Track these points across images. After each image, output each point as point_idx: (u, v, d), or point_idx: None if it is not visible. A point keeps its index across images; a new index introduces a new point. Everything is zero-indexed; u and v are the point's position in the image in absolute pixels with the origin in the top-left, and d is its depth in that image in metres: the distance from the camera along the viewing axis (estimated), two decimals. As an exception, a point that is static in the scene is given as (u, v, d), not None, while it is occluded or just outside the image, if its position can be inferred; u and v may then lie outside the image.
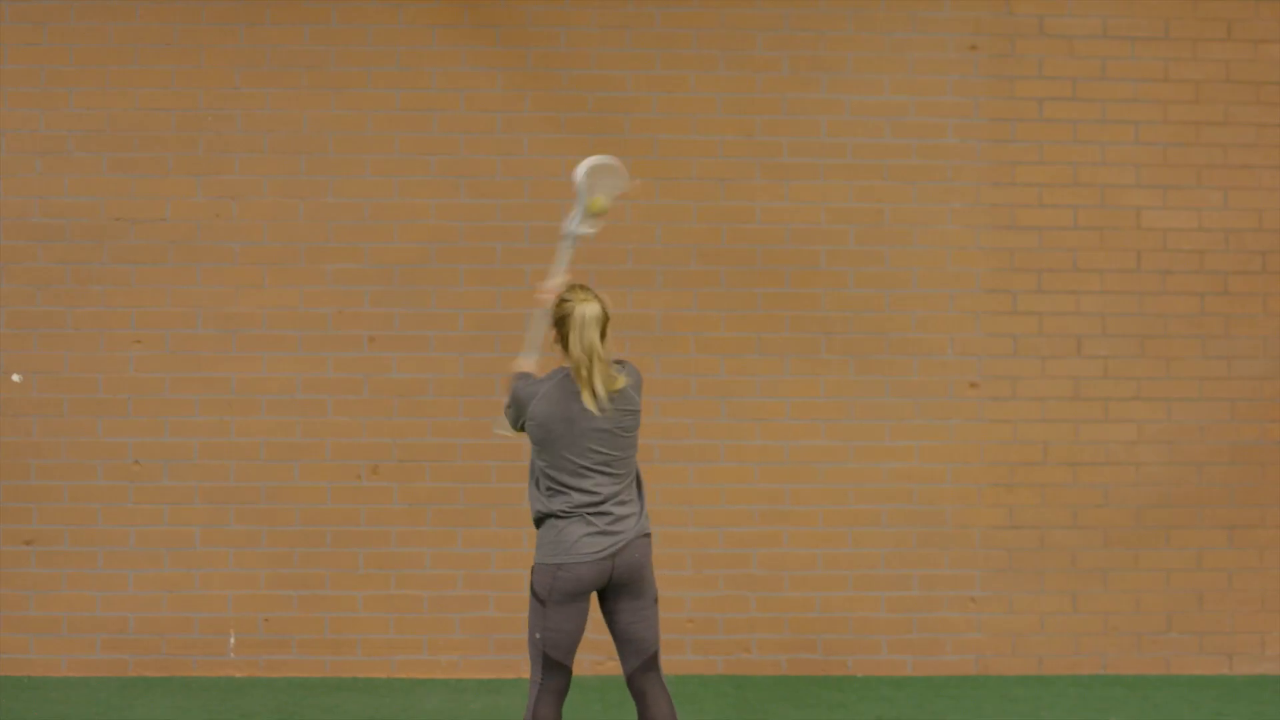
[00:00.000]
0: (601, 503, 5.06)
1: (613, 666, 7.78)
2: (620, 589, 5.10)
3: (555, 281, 5.42)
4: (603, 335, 5.16)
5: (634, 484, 5.21)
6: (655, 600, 5.19)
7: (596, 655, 7.76)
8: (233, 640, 7.87)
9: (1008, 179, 8.06)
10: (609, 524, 5.05)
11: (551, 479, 5.10)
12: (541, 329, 5.39)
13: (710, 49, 8.02)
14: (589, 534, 5.04)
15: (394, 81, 7.95)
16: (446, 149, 7.96)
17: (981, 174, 8.05)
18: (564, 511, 5.10)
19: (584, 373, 5.08)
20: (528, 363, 5.36)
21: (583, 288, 5.25)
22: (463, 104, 7.97)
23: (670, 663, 7.67)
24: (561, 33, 7.99)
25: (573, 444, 5.07)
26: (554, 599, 5.04)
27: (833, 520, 7.97)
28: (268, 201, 7.94)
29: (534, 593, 5.09)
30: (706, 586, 7.95)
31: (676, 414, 7.88)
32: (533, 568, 5.17)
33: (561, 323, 5.16)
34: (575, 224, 5.59)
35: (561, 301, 5.21)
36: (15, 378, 7.88)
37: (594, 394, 5.07)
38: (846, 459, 7.99)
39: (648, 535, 5.19)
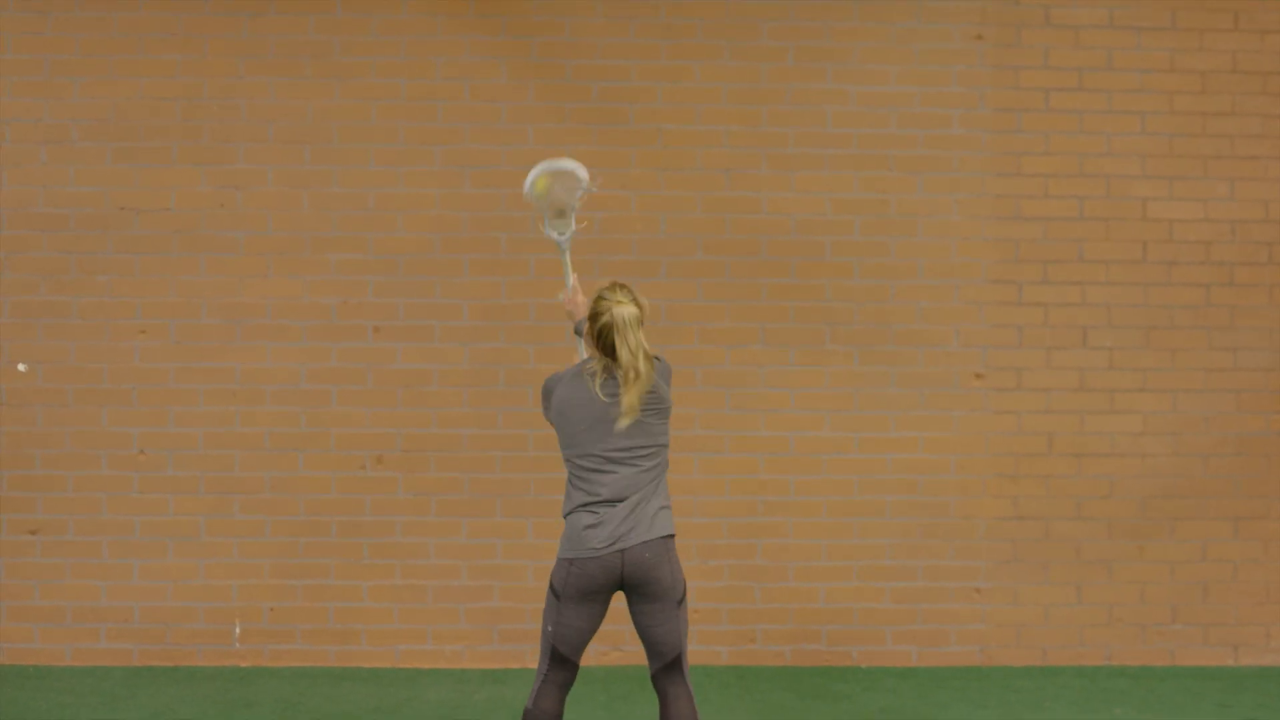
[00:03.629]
0: (617, 498, 5.02)
1: (618, 657, 7.79)
2: (635, 590, 5.04)
3: (570, 285, 5.46)
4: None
5: (657, 481, 5.11)
6: (680, 603, 5.08)
7: (602, 646, 7.76)
8: (238, 630, 7.88)
9: (1013, 169, 8.04)
10: (620, 519, 5.01)
11: (574, 471, 5.09)
12: (583, 341, 5.34)
13: (715, 39, 8.01)
14: (596, 527, 5.01)
15: (398, 71, 7.94)
16: (451, 139, 7.95)
17: (987, 164, 8.04)
18: (582, 504, 5.07)
19: (631, 375, 5.01)
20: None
21: (621, 287, 5.11)
22: (467, 94, 7.96)
23: (674, 653, 7.68)
24: (566, 22, 7.98)
25: (592, 433, 5.03)
26: (568, 594, 5.03)
27: (837, 511, 7.97)
28: (272, 191, 7.93)
29: (551, 586, 5.08)
30: (711, 577, 7.95)
31: (681, 405, 7.85)
32: (555, 560, 5.16)
33: (594, 320, 5.07)
34: (547, 229, 5.57)
35: (598, 299, 5.10)
36: (20, 367, 7.88)
37: (632, 396, 5.01)
38: (851, 450, 7.98)
39: (666, 537, 5.07)
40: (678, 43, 8.00)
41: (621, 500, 5.02)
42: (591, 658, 7.75)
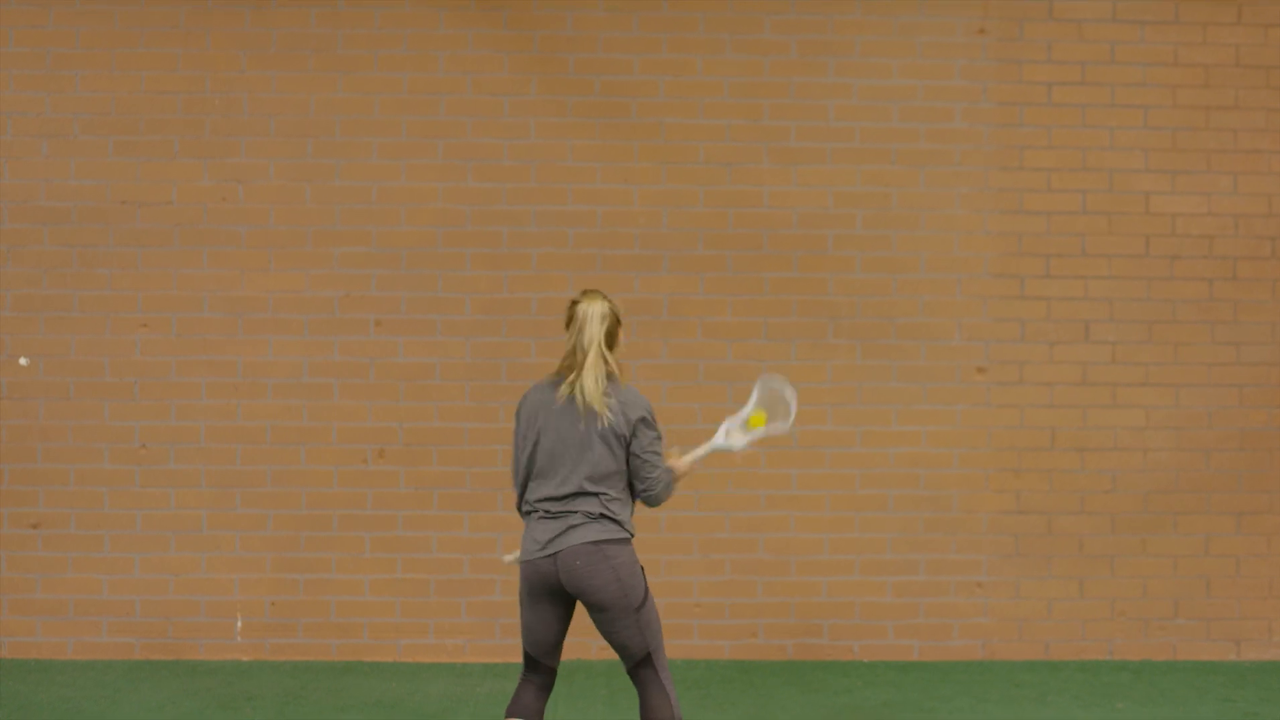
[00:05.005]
0: (556, 500, 4.97)
1: (619, 651, 7.78)
2: (580, 598, 4.96)
3: (686, 461, 5.27)
4: (609, 337, 5.03)
5: (605, 497, 4.96)
6: (634, 610, 4.92)
7: (601, 641, 7.74)
8: (239, 624, 7.87)
9: (1016, 163, 8.04)
10: (552, 523, 4.95)
11: (528, 472, 5.06)
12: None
13: (717, 32, 8.00)
14: (535, 530, 4.99)
15: (401, 64, 7.94)
16: (453, 132, 7.95)
17: (989, 158, 8.03)
18: (529, 507, 5.06)
19: (578, 364, 4.97)
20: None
21: (595, 291, 5.10)
22: (470, 87, 7.96)
23: (677, 647, 7.67)
24: (569, 16, 7.97)
25: (544, 436, 5.00)
26: (523, 594, 5.04)
27: (839, 505, 7.96)
28: (274, 185, 7.93)
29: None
30: (713, 571, 7.94)
31: (683, 399, 7.87)
32: None
33: (569, 323, 5.06)
34: (723, 436, 5.33)
35: (571, 304, 5.09)
36: (22, 361, 7.87)
37: (580, 390, 4.95)
38: (853, 444, 7.98)
39: (596, 543, 4.90)
40: (680, 36, 7.99)
41: (564, 504, 4.95)
42: (592, 652, 7.75)
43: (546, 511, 4.98)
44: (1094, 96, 8.04)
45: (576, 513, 4.95)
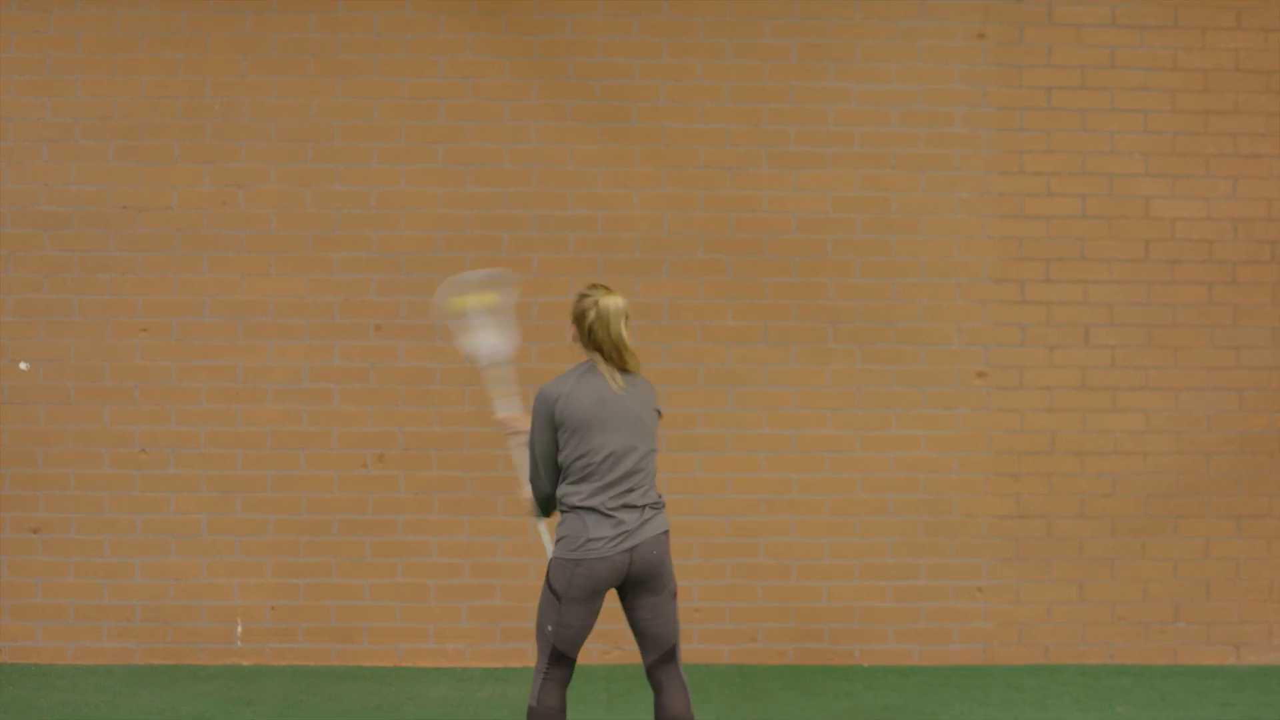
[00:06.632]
0: (622, 493, 5.04)
1: (619, 655, 7.79)
2: (638, 585, 5.08)
3: (508, 410, 5.63)
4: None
5: (653, 478, 5.16)
6: (674, 595, 5.16)
7: (603, 644, 7.76)
8: (239, 629, 7.87)
9: (1016, 168, 8.04)
10: (626, 516, 5.03)
11: (575, 468, 5.08)
12: (522, 455, 5.45)
13: (718, 37, 8.00)
14: (605, 527, 5.02)
15: (401, 69, 7.94)
16: (453, 137, 7.95)
17: (989, 163, 8.03)
18: (584, 504, 5.06)
19: (614, 359, 5.13)
20: (526, 491, 5.39)
21: (601, 286, 5.22)
22: (470, 92, 7.96)
23: (677, 652, 7.67)
24: (568, 20, 7.97)
25: (602, 428, 5.05)
26: (570, 595, 5.02)
27: (840, 509, 7.96)
28: (274, 189, 7.93)
29: (550, 587, 5.06)
30: (713, 575, 7.94)
31: (683, 403, 7.87)
32: (551, 562, 5.15)
33: (582, 318, 5.15)
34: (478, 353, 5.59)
35: (581, 298, 5.19)
36: (22, 365, 7.88)
37: (617, 382, 5.13)
38: (853, 448, 7.98)
39: (666, 532, 5.14)
40: (680, 41, 8.00)
41: (631, 496, 5.04)
42: (592, 656, 7.75)
43: (618, 502, 5.05)
44: (1093, 101, 8.04)
45: (648, 497, 5.13)
